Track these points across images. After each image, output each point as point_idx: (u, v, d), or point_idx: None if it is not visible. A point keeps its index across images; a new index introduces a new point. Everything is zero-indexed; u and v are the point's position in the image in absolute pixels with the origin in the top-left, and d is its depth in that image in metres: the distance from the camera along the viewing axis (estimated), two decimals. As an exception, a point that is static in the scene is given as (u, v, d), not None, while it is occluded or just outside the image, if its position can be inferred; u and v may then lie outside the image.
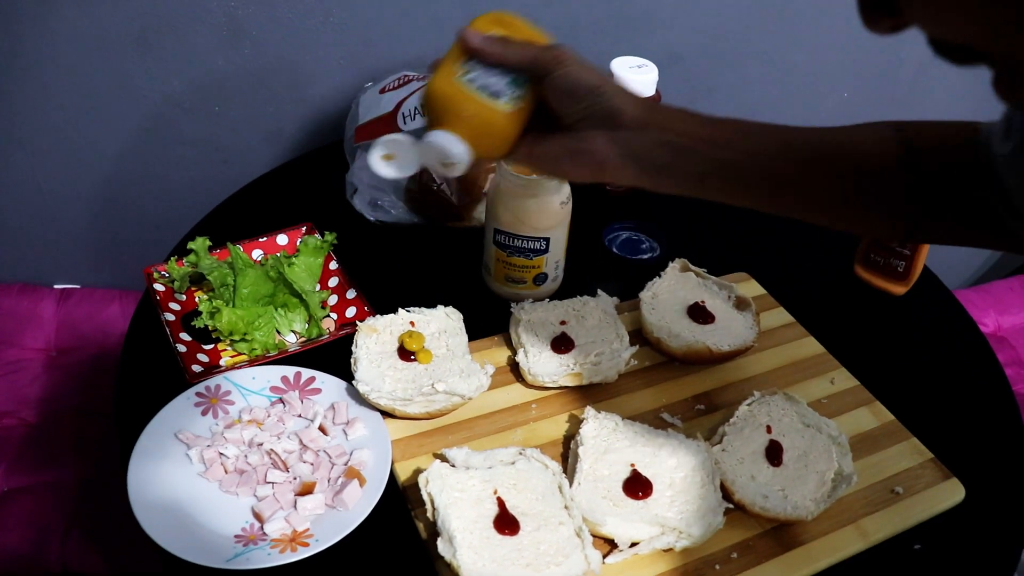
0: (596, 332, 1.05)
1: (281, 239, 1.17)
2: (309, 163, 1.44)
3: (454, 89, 0.73)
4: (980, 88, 1.57)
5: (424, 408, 0.92)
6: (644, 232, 1.28)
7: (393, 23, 1.53)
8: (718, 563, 0.83)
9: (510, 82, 0.74)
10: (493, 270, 1.12)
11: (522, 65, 0.73)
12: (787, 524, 0.86)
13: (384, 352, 0.99)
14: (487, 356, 1.04)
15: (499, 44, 0.73)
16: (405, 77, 1.42)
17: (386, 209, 1.27)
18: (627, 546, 0.82)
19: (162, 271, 1.10)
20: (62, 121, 1.50)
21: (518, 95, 0.74)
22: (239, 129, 1.59)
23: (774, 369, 1.07)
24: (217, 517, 0.83)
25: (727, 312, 1.10)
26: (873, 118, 0.80)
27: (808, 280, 1.25)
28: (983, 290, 1.98)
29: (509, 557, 0.77)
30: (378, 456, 0.89)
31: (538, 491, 0.84)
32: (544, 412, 0.98)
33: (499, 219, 1.06)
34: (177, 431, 0.90)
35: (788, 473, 0.90)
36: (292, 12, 1.47)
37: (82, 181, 1.58)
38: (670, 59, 1.44)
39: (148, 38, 1.44)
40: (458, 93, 0.73)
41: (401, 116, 1.32)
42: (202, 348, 1.02)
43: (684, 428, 0.97)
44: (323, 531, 0.81)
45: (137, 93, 1.50)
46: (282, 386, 0.97)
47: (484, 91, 0.73)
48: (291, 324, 1.07)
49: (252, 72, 1.52)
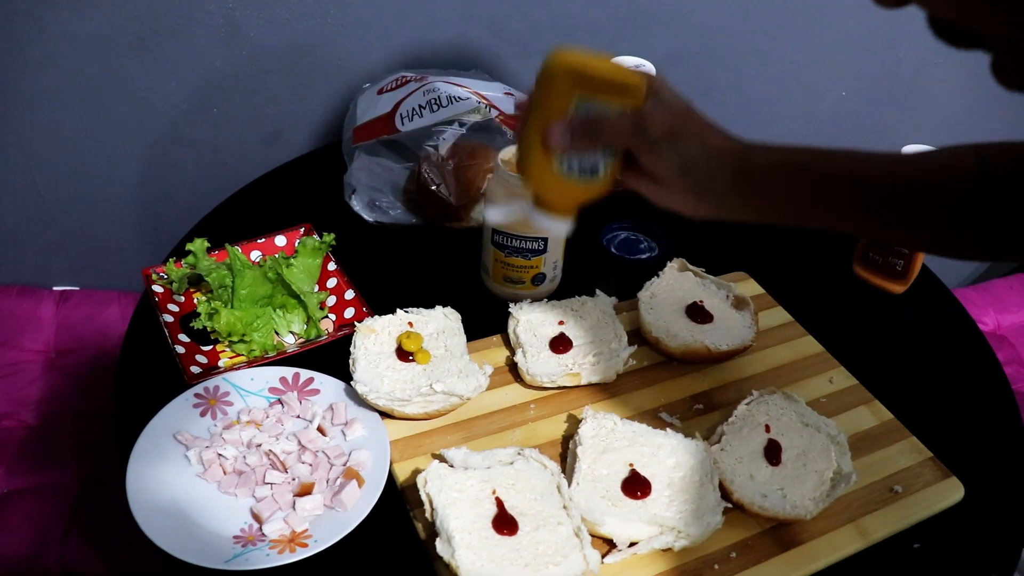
0: (594, 332, 1.05)
1: (279, 240, 1.17)
2: (307, 164, 1.44)
3: (557, 184, 0.77)
4: (977, 88, 1.57)
5: (422, 408, 0.92)
6: (642, 232, 1.29)
7: (390, 24, 1.53)
8: (717, 563, 0.83)
9: (604, 154, 0.76)
10: (491, 270, 1.12)
11: (615, 145, 0.75)
12: (786, 523, 0.86)
13: (382, 353, 0.99)
14: (485, 356, 1.04)
15: (587, 136, 0.73)
16: (403, 78, 1.42)
17: (384, 210, 1.27)
18: (626, 546, 0.82)
19: (161, 272, 1.10)
20: (60, 123, 1.50)
21: (611, 160, 0.76)
22: (237, 130, 1.59)
23: (773, 368, 1.07)
24: (216, 518, 0.83)
25: (725, 311, 1.10)
26: (871, 117, 0.81)
27: (807, 279, 1.25)
28: (982, 288, 1.98)
29: (508, 557, 0.77)
30: (377, 457, 0.89)
31: (537, 491, 0.84)
32: (542, 412, 0.98)
33: (497, 219, 1.06)
34: (176, 432, 0.90)
35: (787, 472, 0.90)
36: (289, 13, 1.47)
37: (81, 183, 1.58)
38: (668, 59, 1.44)
39: (146, 40, 1.44)
40: (561, 186, 0.77)
41: (399, 117, 1.32)
42: (201, 349, 1.02)
43: (683, 428, 0.97)
44: (322, 532, 0.81)
45: (135, 95, 1.50)
46: (280, 387, 0.97)
47: (584, 174, 0.76)
48: (289, 325, 1.07)
49: (250, 74, 1.52)
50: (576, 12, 1.61)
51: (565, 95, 0.72)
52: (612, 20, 1.63)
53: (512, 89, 1.45)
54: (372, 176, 1.27)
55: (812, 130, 1.85)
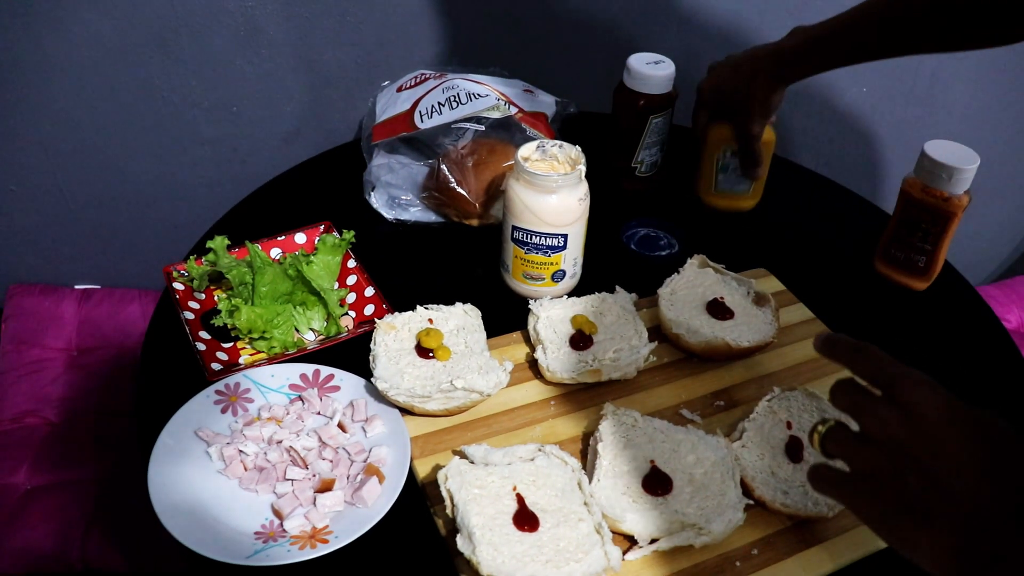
0: (615, 329, 1.05)
1: (299, 237, 1.18)
2: (327, 162, 1.44)
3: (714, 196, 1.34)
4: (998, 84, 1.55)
5: (443, 405, 0.92)
6: (662, 229, 1.28)
7: (409, 22, 1.53)
8: (738, 560, 0.83)
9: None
10: (511, 267, 1.12)
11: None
12: (808, 520, 0.86)
13: (403, 349, 0.99)
14: (505, 353, 1.04)
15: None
16: (422, 75, 1.42)
17: (404, 207, 1.27)
18: (647, 543, 0.82)
19: (181, 270, 1.10)
20: (82, 122, 1.51)
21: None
22: (257, 128, 1.59)
23: (794, 365, 1.07)
24: (237, 514, 0.83)
25: (746, 308, 1.10)
26: (892, 113, 0.80)
27: (828, 276, 1.24)
28: (1006, 286, 1.96)
29: (528, 554, 0.77)
30: (397, 453, 0.89)
31: (557, 487, 0.83)
32: (563, 409, 0.98)
33: (517, 216, 1.06)
34: (197, 429, 0.90)
35: (809, 469, 0.89)
36: (309, 12, 1.47)
37: (102, 182, 1.59)
38: (687, 55, 1.44)
39: (167, 40, 1.44)
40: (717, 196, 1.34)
41: (418, 114, 1.33)
42: (221, 346, 1.03)
43: (703, 424, 0.97)
44: (342, 528, 0.81)
45: (156, 94, 1.50)
46: (301, 384, 0.97)
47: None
48: (310, 322, 1.07)
49: (270, 72, 1.52)
50: (595, 8, 1.60)
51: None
52: (630, 16, 1.62)
53: (531, 86, 1.45)
54: (391, 173, 1.28)
55: (832, 126, 1.84)
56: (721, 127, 1.26)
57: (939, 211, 1.12)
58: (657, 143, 1.33)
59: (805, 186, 1.49)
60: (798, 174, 1.52)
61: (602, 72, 1.50)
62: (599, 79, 1.48)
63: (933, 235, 1.15)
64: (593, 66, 1.65)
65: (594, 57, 1.66)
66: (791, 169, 1.52)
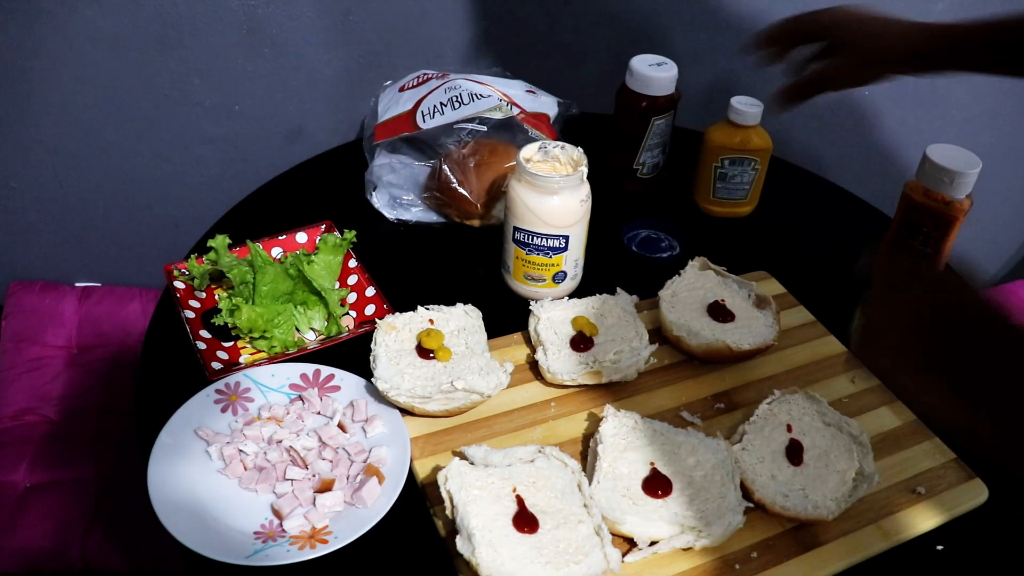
0: (615, 330, 1.05)
1: (300, 237, 1.18)
2: (328, 161, 1.44)
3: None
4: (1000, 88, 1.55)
5: (443, 406, 0.92)
6: (663, 231, 1.28)
7: (412, 21, 1.53)
8: (738, 562, 0.83)
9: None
10: (512, 268, 1.11)
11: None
12: (808, 524, 0.86)
13: (403, 350, 0.99)
14: (506, 354, 1.04)
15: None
16: (424, 75, 1.42)
17: (405, 207, 1.27)
18: (647, 545, 0.82)
19: (182, 269, 1.10)
20: (83, 120, 1.51)
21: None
22: (259, 127, 1.59)
23: (794, 368, 1.06)
24: (236, 514, 0.83)
25: (747, 310, 1.10)
26: (893, 116, 0.80)
27: (829, 279, 1.24)
28: (1007, 290, 1.96)
29: (528, 555, 0.77)
30: (397, 453, 0.89)
31: (557, 489, 0.83)
32: (563, 410, 0.98)
33: (518, 217, 1.06)
34: (197, 428, 0.90)
35: (809, 472, 0.89)
36: (311, 11, 1.47)
37: (102, 179, 1.59)
38: (691, 57, 1.44)
39: (169, 37, 1.44)
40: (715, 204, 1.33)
41: (420, 114, 1.33)
42: (222, 345, 1.02)
43: (704, 427, 0.97)
44: (342, 528, 0.81)
45: (157, 92, 1.50)
46: (301, 383, 0.97)
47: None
48: (310, 322, 1.07)
49: (271, 71, 1.52)
50: (598, 9, 1.60)
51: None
52: (634, 17, 1.62)
53: (533, 87, 1.45)
54: (393, 173, 1.28)
55: (834, 129, 1.83)
56: (719, 133, 1.26)
57: (941, 215, 1.12)
58: (659, 145, 1.33)
59: (806, 189, 1.49)
60: (799, 177, 1.52)
61: (604, 73, 1.50)
62: (601, 80, 1.48)
63: (935, 239, 1.14)
64: (595, 67, 1.65)
65: (596, 58, 1.66)
66: (792, 172, 1.52)
